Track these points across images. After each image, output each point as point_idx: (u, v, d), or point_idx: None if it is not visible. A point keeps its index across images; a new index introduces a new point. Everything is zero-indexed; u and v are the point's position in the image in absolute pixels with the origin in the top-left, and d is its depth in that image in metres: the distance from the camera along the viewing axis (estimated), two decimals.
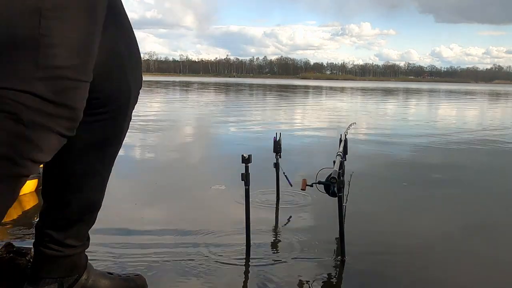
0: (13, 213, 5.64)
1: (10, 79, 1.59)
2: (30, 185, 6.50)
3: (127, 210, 5.76)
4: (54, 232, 2.41)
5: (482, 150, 11.90)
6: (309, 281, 3.97)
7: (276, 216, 5.74)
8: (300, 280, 3.96)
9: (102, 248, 4.44)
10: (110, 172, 2.88)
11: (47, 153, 1.86)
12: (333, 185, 4.04)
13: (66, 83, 1.75)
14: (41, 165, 6.35)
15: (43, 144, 1.76)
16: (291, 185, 5.98)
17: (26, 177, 1.97)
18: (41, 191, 2.60)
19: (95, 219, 2.79)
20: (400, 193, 7.11)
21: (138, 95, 2.82)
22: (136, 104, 2.91)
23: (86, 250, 2.81)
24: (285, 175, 5.86)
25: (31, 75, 1.63)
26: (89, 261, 2.91)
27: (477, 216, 6.04)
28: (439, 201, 6.67)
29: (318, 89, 68.48)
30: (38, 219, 2.56)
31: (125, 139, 3.11)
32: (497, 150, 12.05)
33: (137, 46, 2.60)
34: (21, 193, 6.21)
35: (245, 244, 4.47)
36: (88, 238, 2.81)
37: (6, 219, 5.38)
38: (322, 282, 3.97)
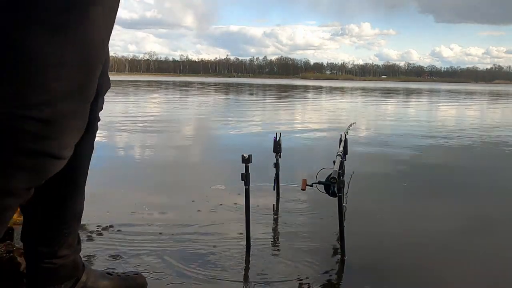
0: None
1: (9, 102, 1.46)
2: None
3: (128, 209, 5.75)
4: (45, 247, 2.33)
5: (482, 149, 11.89)
6: (309, 281, 3.96)
7: (276, 216, 5.74)
8: (300, 280, 3.96)
9: (102, 247, 4.47)
10: None
11: (45, 178, 1.72)
12: (333, 185, 4.04)
13: (77, 101, 1.64)
14: None
15: (42, 171, 1.63)
16: (274, 189, 6.07)
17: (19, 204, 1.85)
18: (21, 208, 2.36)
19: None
20: (400, 193, 7.11)
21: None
22: (136, 104, 2.90)
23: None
24: (275, 179, 5.92)
25: (36, 98, 1.50)
26: (87, 263, 2.90)
27: (477, 216, 6.04)
28: (439, 201, 6.67)
29: (318, 89, 68.40)
30: (23, 234, 2.42)
31: (126, 139, 3.11)
32: (497, 150, 12.05)
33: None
34: None
35: (245, 244, 4.50)
36: (79, 241, 2.78)
37: None
38: (322, 281, 3.96)
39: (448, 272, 4.25)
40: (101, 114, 2.77)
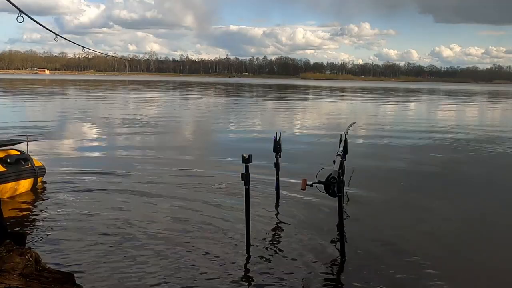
0: (10, 213, 5.64)
1: None
2: (25, 185, 6.48)
3: (134, 205, 5.78)
4: None
5: (479, 149, 11.91)
6: (309, 281, 3.95)
7: (275, 216, 5.73)
8: (300, 279, 3.95)
9: (113, 231, 4.50)
10: None
11: None
12: (333, 185, 4.05)
13: None
14: (39, 163, 6.24)
15: None
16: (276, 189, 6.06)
17: None
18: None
19: None
20: (399, 192, 7.11)
21: None
22: (136, 104, 2.89)
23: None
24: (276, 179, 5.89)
25: None
26: None
27: (474, 215, 6.05)
28: (437, 200, 6.66)
29: (318, 89, 68.28)
30: None
31: (128, 140, 3.09)
32: (493, 149, 12.06)
33: None
34: (17, 193, 6.23)
35: (245, 243, 4.49)
36: None
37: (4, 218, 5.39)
38: (322, 282, 3.96)
39: (447, 271, 4.24)
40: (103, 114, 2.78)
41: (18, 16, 4.59)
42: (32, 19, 4.93)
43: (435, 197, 6.89)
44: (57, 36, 5.91)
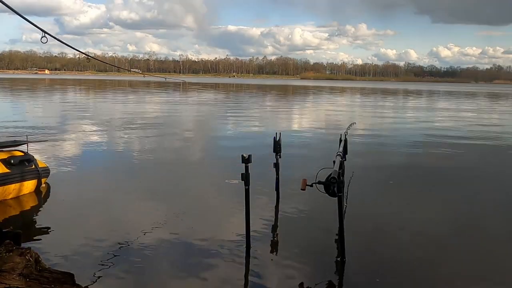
0: (13, 213, 5.65)
1: None
2: (29, 186, 6.48)
3: (136, 206, 5.78)
4: None
5: (475, 150, 11.95)
6: (309, 281, 3.96)
7: (276, 216, 5.74)
8: (300, 280, 3.95)
9: (114, 231, 4.51)
10: None
11: None
12: (333, 185, 4.05)
13: None
14: (43, 164, 6.23)
15: None
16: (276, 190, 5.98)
17: None
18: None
19: None
20: (400, 194, 7.11)
21: None
22: (136, 105, 2.89)
23: None
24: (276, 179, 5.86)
25: None
26: None
27: (474, 216, 6.06)
28: (437, 202, 6.67)
29: (318, 90, 68.24)
30: None
31: (130, 139, 3.07)
32: (487, 150, 12.10)
33: None
34: (20, 194, 6.21)
35: (245, 244, 4.49)
36: None
37: (6, 219, 5.40)
38: (322, 282, 3.97)
39: (446, 271, 4.24)
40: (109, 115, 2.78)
41: (42, 37, 4.88)
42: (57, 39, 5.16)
43: (436, 198, 6.90)
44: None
